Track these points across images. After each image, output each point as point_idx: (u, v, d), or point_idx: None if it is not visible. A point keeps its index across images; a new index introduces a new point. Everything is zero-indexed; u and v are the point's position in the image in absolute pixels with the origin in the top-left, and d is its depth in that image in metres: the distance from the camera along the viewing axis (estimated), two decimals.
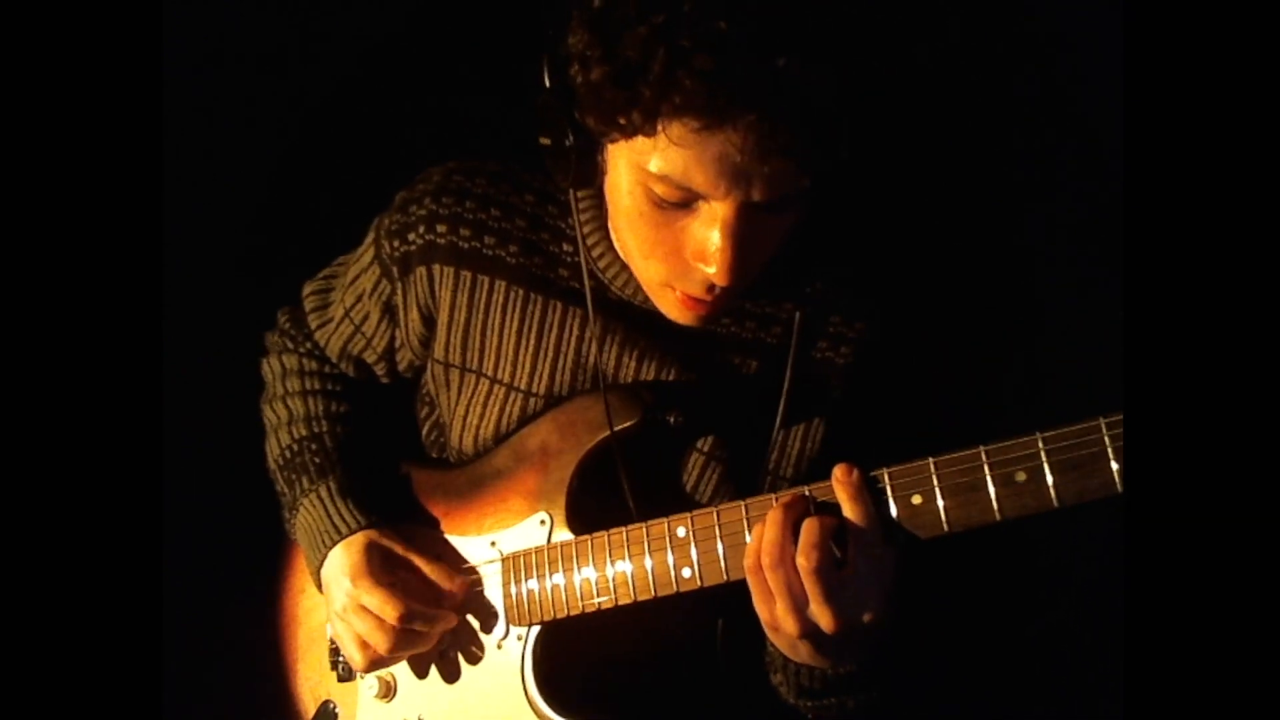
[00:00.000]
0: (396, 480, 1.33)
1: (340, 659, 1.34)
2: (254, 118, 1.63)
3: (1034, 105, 1.41)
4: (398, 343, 1.33)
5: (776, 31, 0.85)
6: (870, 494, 0.97)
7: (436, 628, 1.20)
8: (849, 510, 0.96)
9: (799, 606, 0.96)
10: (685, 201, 0.97)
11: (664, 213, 0.99)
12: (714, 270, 0.98)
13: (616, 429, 1.15)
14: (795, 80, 0.86)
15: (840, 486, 0.97)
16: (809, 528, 0.95)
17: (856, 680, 1.06)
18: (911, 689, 1.12)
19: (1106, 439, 0.86)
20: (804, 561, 0.94)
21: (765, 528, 0.98)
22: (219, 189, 1.61)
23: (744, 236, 0.96)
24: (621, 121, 0.92)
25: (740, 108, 0.87)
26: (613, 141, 0.97)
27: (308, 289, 1.41)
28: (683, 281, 1.04)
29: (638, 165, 0.96)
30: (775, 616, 0.98)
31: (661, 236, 1.01)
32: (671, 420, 1.17)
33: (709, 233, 0.97)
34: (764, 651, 1.15)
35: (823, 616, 0.95)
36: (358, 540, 1.23)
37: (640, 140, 0.93)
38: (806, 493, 1.00)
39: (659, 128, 0.90)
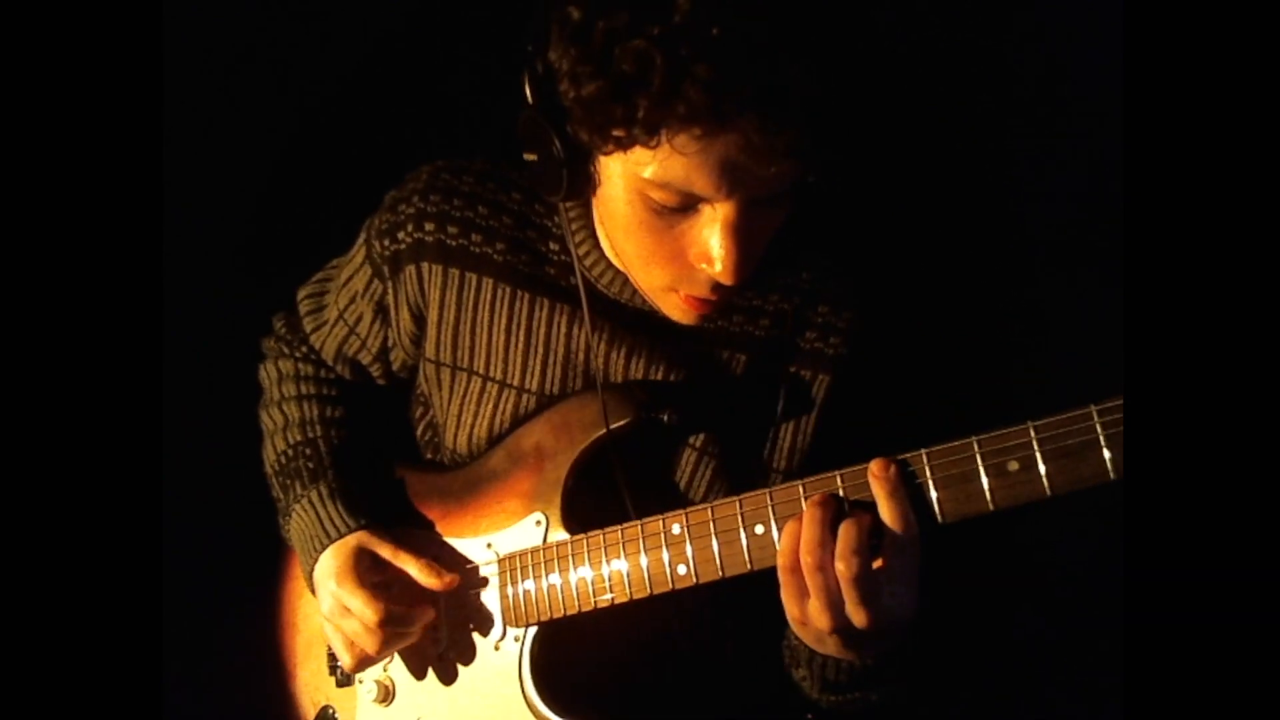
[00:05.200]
0: (392, 484, 1.33)
1: (337, 662, 1.34)
2: (249, 119, 1.63)
3: (1027, 96, 1.41)
4: (391, 343, 1.33)
5: (772, 34, 0.84)
6: (906, 489, 0.94)
7: (416, 625, 1.20)
8: (885, 507, 0.93)
9: (834, 605, 0.94)
10: (685, 205, 0.96)
11: (663, 219, 0.98)
12: (719, 270, 0.97)
13: (611, 427, 1.15)
14: (794, 80, 0.85)
15: (877, 482, 0.94)
16: (847, 532, 0.92)
17: (883, 672, 1.05)
18: (930, 681, 1.12)
19: (1098, 426, 0.85)
20: (843, 568, 0.91)
21: (803, 526, 0.95)
22: (215, 190, 1.62)
23: (746, 234, 0.96)
24: (618, 134, 0.91)
25: (743, 113, 0.86)
26: (607, 154, 0.96)
27: (302, 293, 1.42)
28: (686, 284, 1.04)
29: (635, 174, 0.95)
30: (807, 614, 0.96)
31: (662, 242, 1.00)
32: (665, 417, 1.17)
33: (711, 234, 0.96)
34: (784, 646, 1.14)
35: (857, 615, 0.93)
36: (348, 543, 1.23)
37: (638, 151, 0.92)
38: (840, 489, 0.98)
39: (660, 138, 0.89)
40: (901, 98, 0.92)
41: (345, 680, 1.34)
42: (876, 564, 0.94)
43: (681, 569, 1.07)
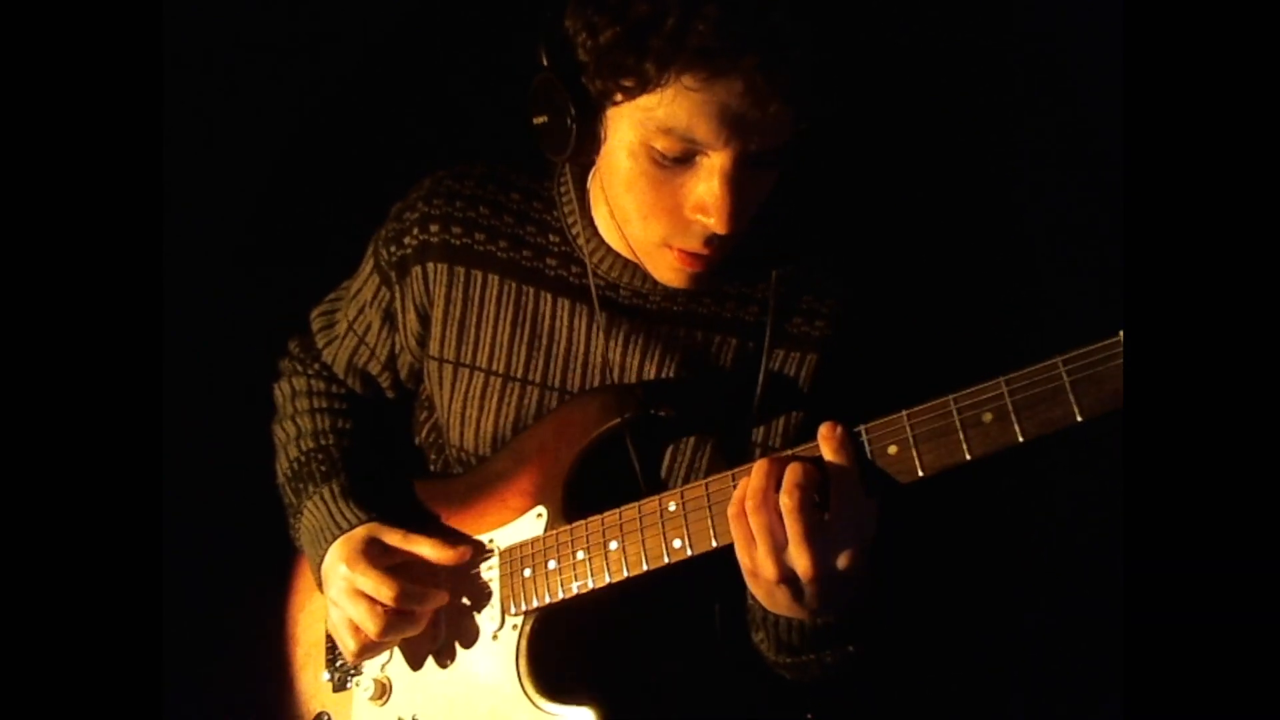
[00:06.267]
0: (399, 489, 1.37)
1: (337, 659, 1.35)
2: (249, 120, 1.66)
3: (1017, 85, 1.48)
4: (398, 348, 1.38)
5: None
6: (853, 446, 1.02)
7: (428, 604, 1.23)
8: (831, 463, 1.01)
9: (778, 549, 1.00)
10: (686, 156, 1.05)
11: (664, 171, 1.07)
12: (714, 220, 1.06)
13: (614, 423, 1.20)
14: (795, 24, 0.96)
15: (825, 441, 1.01)
16: (792, 469, 1.00)
17: (834, 633, 1.10)
18: (889, 648, 1.16)
19: (1064, 375, 0.92)
20: (786, 500, 0.98)
21: (750, 477, 1.02)
22: (215, 191, 1.64)
23: (740, 186, 1.05)
24: (629, 82, 1.00)
25: (746, 54, 0.96)
26: (615, 105, 1.05)
27: (315, 313, 1.48)
28: (681, 238, 1.11)
29: (641, 123, 1.04)
30: (755, 561, 1.02)
31: (661, 195, 1.09)
32: (664, 409, 1.23)
33: (709, 184, 1.05)
34: (745, 611, 1.18)
35: (801, 559, 0.99)
36: (358, 532, 1.27)
37: (645, 98, 1.01)
38: (789, 452, 1.05)
39: (669, 78, 0.98)
40: (894, 56, 1.02)
41: (341, 685, 1.35)
42: (826, 516, 1.00)
43: (677, 543, 1.11)
